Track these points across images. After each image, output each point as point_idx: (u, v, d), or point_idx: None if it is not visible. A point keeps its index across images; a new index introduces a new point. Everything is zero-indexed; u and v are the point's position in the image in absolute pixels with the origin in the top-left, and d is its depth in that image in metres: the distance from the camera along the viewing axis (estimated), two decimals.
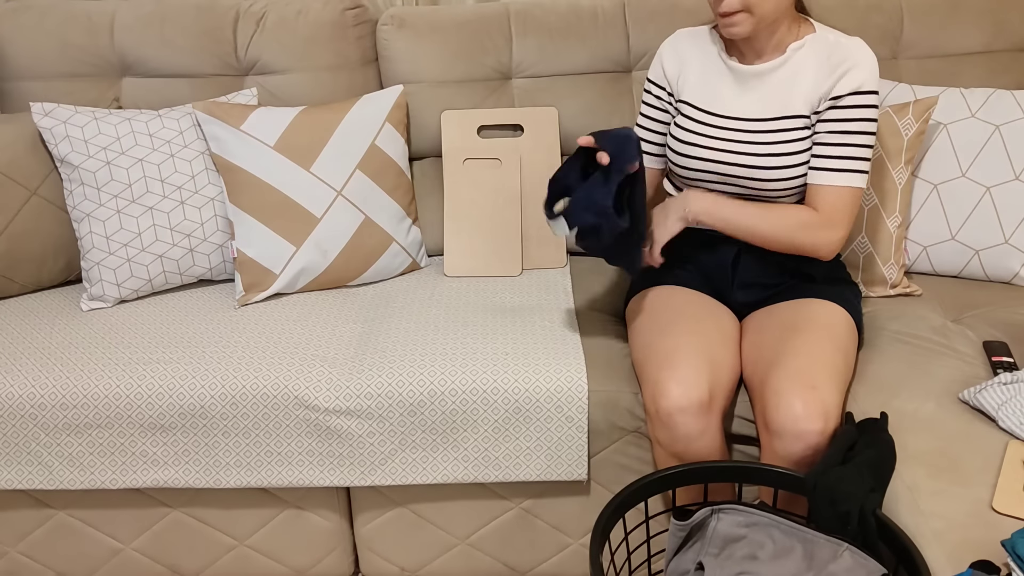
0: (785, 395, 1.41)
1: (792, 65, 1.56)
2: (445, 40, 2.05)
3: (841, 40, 1.55)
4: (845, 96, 1.52)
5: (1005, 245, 1.80)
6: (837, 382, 1.45)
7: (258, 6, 2.06)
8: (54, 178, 1.88)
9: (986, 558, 1.12)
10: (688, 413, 1.44)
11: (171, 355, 1.65)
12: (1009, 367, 1.50)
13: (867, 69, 1.52)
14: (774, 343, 1.52)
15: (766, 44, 1.57)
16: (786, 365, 1.45)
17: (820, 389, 1.40)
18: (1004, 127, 1.80)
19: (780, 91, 1.57)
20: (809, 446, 1.38)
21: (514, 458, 1.61)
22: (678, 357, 1.48)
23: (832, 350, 1.49)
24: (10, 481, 1.63)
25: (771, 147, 1.56)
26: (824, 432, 1.38)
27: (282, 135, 1.86)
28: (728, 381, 1.51)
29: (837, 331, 1.54)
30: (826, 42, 1.56)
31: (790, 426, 1.39)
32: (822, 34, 1.57)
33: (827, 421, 1.38)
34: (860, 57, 1.52)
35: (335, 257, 1.87)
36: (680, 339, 1.52)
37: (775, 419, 1.41)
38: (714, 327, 1.57)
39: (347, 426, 1.59)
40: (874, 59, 1.53)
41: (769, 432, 1.42)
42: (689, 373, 1.46)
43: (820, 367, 1.44)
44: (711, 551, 1.29)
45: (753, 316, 1.65)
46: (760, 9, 1.49)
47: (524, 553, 1.76)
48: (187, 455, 1.63)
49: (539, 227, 1.98)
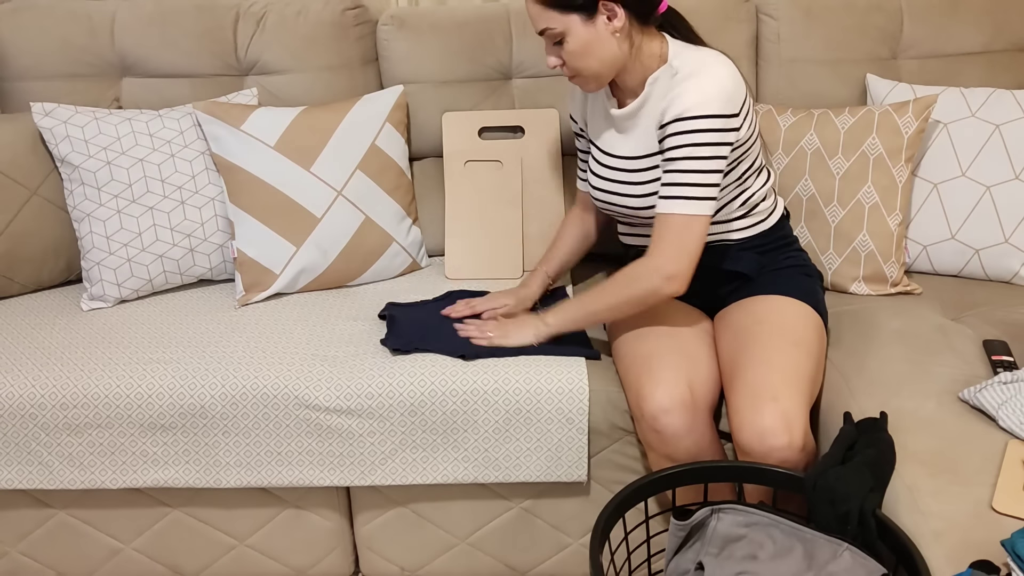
0: (746, 412, 1.40)
1: (652, 101, 1.54)
2: (445, 40, 2.05)
3: (683, 67, 1.48)
4: (670, 124, 1.46)
5: (1005, 244, 1.80)
6: (800, 387, 1.43)
7: (258, 6, 2.06)
8: (54, 178, 1.89)
9: (986, 558, 1.12)
10: (672, 413, 1.44)
11: (171, 355, 1.65)
12: (1009, 366, 1.50)
13: (694, 95, 1.43)
14: (732, 353, 1.52)
15: (629, 83, 1.56)
16: (743, 377, 1.45)
17: (780, 399, 1.39)
18: (1004, 127, 1.80)
19: (643, 129, 1.57)
20: (779, 460, 1.37)
21: (514, 458, 1.61)
22: (655, 360, 1.49)
23: (790, 351, 1.48)
24: (10, 481, 1.63)
25: (642, 186, 1.58)
26: (791, 445, 1.37)
27: (282, 135, 1.86)
28: (709, 377, 1.51)
29: (793, 327, 1.53)
30: (670, 72, 1.51)
31: (757, 444, 1.38)
32: (671, 61, 1.52)
33: (792, 433, 1.37)
34: (690, 85, 1.44)
35: (335, 257, 1.87)
36: (656, 342, 1.53)
37: (740, 439, 1.41)
38: (686, 326, 1.58)
39: (347, 426, 1.59)
40: (711, 84, 1.44)
41: (740, 451, 1.43)
42: (668, 374, 1.46)
43: (778, 374, 1.43)
44: (711, 551, 1.29)
45: (715, 323, 1.65)
46: (587, 71, 1.51)
47: (524, 553, 1.76)
48: (187, 455, 1.63)
49: (539, 228, 1.98)
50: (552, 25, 1.48)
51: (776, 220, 1.68)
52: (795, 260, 1.68)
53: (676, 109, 1.45)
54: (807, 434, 1.41)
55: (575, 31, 1.47)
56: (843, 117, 1.83)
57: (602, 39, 1.48)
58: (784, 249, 1.68)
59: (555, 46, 1.51)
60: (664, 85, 1.52)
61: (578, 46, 1.48)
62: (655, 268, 1.48)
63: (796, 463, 1.38)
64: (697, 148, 1.44)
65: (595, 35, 1.47)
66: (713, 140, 1.44)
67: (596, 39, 1.48)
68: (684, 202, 1.46)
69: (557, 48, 1.51)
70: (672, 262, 1.47)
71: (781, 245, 1.68)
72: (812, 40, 2.02)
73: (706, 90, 1.44)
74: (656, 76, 1.53)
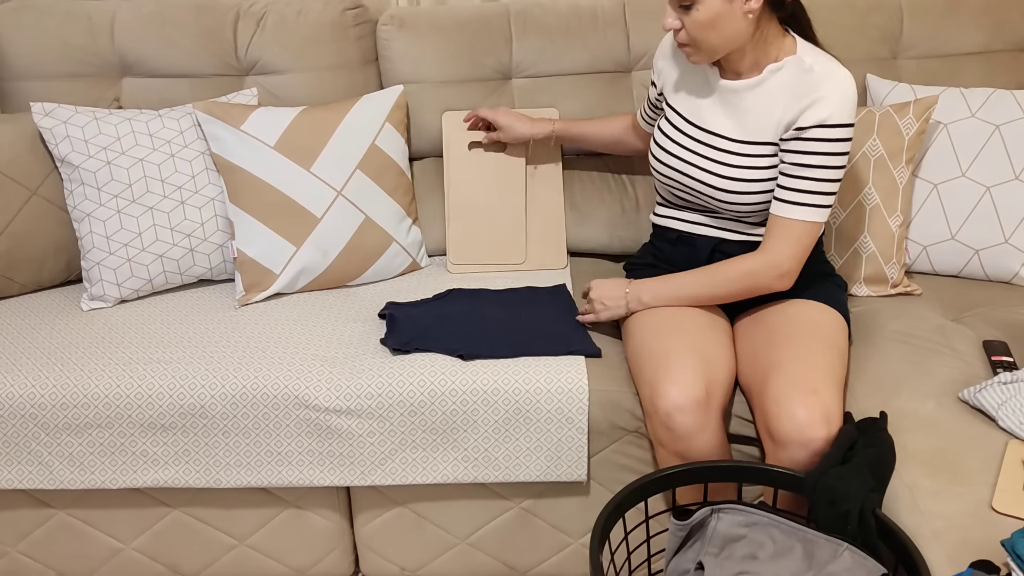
0: (787, 403, 1.40)
1: (767, 88, 1.52)
2: (445, 40, 2.04)
3: (816, 66, 1.48)
4: (809, 129, 1.46)
5: (1005, 245, 1.80)
6: (836, 384, 1.44)
7: (258, 6, 2.06)
8: (54, 178, 1.89)
9: (986, 558, 1.12)
10: (687, 411, 1.44)
11: (171, 355, 1.65)
12: (1009, 366, 1.50)
13: (835, 102, 1.45)
14: (768, 350, 1.52)
15: (739, 65, 1.54)
16: (784, 372, 1.45)
17: (821, 393, 1.40)
18: (1004, 127, 1.80)
19: (754, 113, 1.54)
20: (815, 452, 1.37)
21: (514, 458, 1.61)
22: (672, 357, 1.49)
23: (826, 352, 1.48)
24: (10, 481, 1.63)
25: (738, 170, 1.55)
26: (828, 438, 1.37)
27: (282, 135, 1.86)
28: (724, 377, 1.51)
29: (828, 331, 1.54)
30: (801, 67, 1.49)
31: (795, 435, 1.38)
32: (801, 55, 1.50)
33: (830, 426, 1.38)
34: (829, 89, 1.45)
35: (335, 257, 1.87)
36: (673, 339, 1.52)
37: (779, 428, 1.40)
38: (706, 324, 1.58)
39: (347, 426, 1.59)
40: (847, 90, 1.46)
41: (774, 442, 1.42)
42: (684, 372, 1.46)
43: (818, 371, 1.44)
44: (711, 551, 1.29)
45: (742, 322, 1.65)
46: (705, 44, 1.47)
47: (524, 553, 1.76)
48: (187, 455, 1.63)
49: (540, 228, 1.98)
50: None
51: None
52: (824, 268, 1.69)
53: (818, 115, 1.45)
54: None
55: (710, 1, 1.43)
56: None
57: (734, 15, 1.44)
58: (816, 256, 1.68)
59: (680, 8, 1.45)
60: (792, 77, 1.50)
61: (708, 16, 1.43)
62: (773, 265, 1.52)
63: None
64: (833, 157, 1.47)
65: (729, 10, 1.43)
66: (846, 149, 1.48)
67: (728, 14, 1.43)
68: (812, 210, 1.49)
69: (682, 12, 1.45)
70: (790, 261, 1.52)
71: (817, 253, 1.68)
72: None
73: (845, 98, 1.46)
74: (780, 65, 1.51)
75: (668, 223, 1.72)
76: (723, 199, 1.58)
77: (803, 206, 1.50)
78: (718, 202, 1.59)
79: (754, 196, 1.55)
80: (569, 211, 2.03)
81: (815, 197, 1.49)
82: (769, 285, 1.54)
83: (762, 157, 1.54)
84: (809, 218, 1.50)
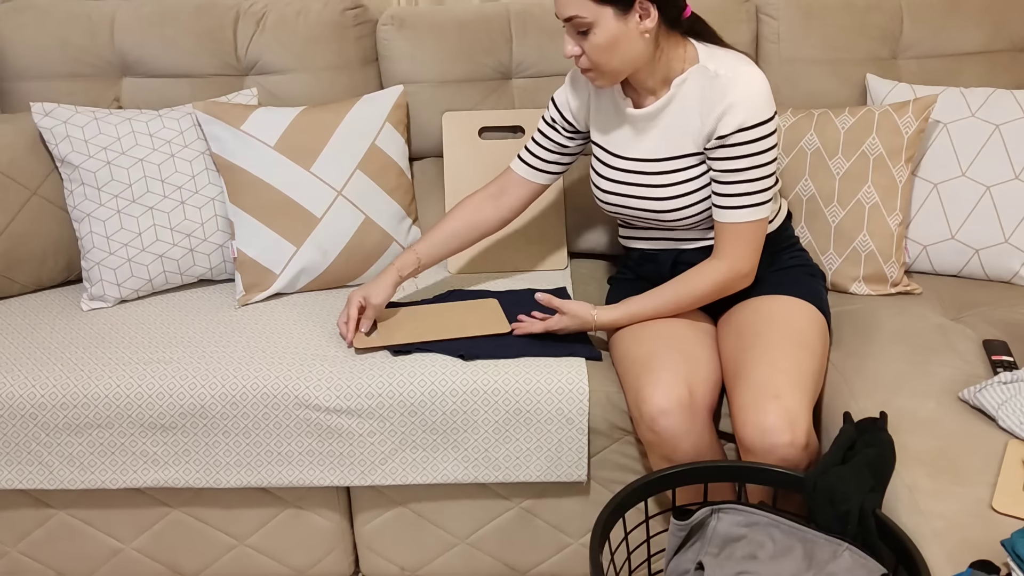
0: (749, 410, 1.41)
1: (678, 101, 1.53)
2: (445, 40, 2.05)
3: (721, 71, 1.48)
4: (730, 135, 1.47)
5: (1005, 244, 1.80)
6: (803, 386, 1.44)
7: (258, 6, 2.06)
8: (54, 178, 1.89)
9: (986, 558, 1.12)
10: (671, 414, 1.44)
11: (171, 355, 1.65)
12: (1009, 366, 1.50)
13: (747, 103, 1.45)
14: (737, 353, 1.52)
15: (647, 83, 1.54)
16: (747, 377, 1.45)
17: (783, 397, 1.40)
18: (1004, 127, 1.80)
19: (670, 130, 1.55)
20: (782, 458, 1.37)
21: (514, 459, 1.61)
22: (653, 361, 1.49)
23: (794, 352, 1.48)
24: (10, 481, 1.63)
25: (672, 188, 1.57)
26: (794, 443, 1.37)
27: (282, 135, 1.86)
28: (709, 378, 1.51)
29: (798, 328, 1.53)
30: (706, 75, 1.49)
31: (758, 441, 1.38)
32: (704, 63, 1.50)
33: (795, 431, 1.37)
34: (739, 93, 1.45)
35: (335, 257, 1.87)
36: (654, 343, 1.53)
37: (742, 436, 1.41)
38: (687, 326, 1.58)
39: (347, 426, 1.59)
40: (756, 88, 1.46)
41: (743, 448, 1.43)
42: (666, 375, 1.46)
43: (782, 373, 1.43)
44: (711, 551, 1.29)
45: (720, 322, 1.65)
46: (607, 67, 1.48)
47: (524, 553, 1.76)
48: (187, 455, 1.63)
49: (539, 227, 1.98)
50: (583, 14, 1.43)
51: (781, 221, 1.68)
52: (799, 260, 1.69)
53: (735, 120, 1.46)
54: (810, 433, 1.41)
55: (605, 24, 1.43)
56: (843, 117, 1.83)
57: (630, 37, 1.45)
58: (789, 250, 1.69)
59: (578, 35, 1.46)
60: (698, 85, 1.50)
61: (605, 40, 1.44)
62: (735, 271, 1.55)
63: (798, 461, 1.38)
64: (760, 156, 1.48)
65: (624, 31, 1.44)
66: (771, 143, 1.49)
67: (624, 36, 1.44)
68: (754, 209, 1.51)
69: (580, 38, 1.46)
70: (748, 261, 1.55)
71: (786, 246, 1.69)
72: (812, 40, 2.02)
73: (756, 95, 1.46)
74: (684, 77, 1.52)
75: (630, 243, 1.75)
76: (669, 217, 1.60)
77: (745, 208, 1.51)
78: (665, 220, 1.61)
79: (697, 207, 1.57)
80: (570, 213, 2.03)
81: (754, 196, 1.50)
82: (735, 287, 1.58)
83: (691, 168, 1.55)
84: (754, 218, 1.51)
